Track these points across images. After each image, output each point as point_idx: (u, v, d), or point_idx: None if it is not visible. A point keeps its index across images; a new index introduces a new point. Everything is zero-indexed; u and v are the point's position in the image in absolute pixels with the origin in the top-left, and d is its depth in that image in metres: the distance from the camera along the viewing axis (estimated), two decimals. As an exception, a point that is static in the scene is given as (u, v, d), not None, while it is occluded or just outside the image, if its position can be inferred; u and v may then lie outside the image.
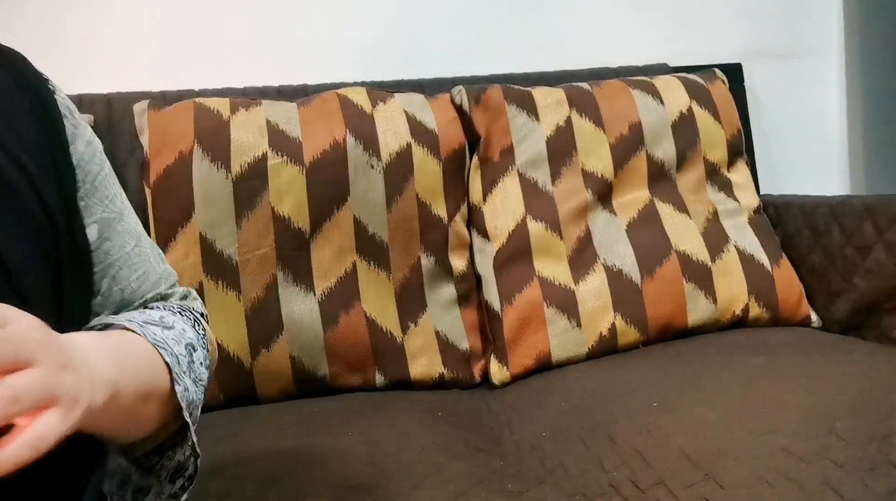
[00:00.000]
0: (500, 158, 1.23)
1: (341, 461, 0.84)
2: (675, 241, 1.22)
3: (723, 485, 0.70)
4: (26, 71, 0.60)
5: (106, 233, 0.63)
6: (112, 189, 0.65)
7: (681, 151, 1.29)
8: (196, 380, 0.61)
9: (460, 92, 1.27)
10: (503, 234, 1.19)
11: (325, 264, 1.13)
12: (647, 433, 0.81)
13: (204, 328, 0.68)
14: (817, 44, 1.71)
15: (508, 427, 0.95)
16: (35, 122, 0.58)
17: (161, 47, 1.43)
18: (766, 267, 1.25)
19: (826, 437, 0.75)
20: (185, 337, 0.62)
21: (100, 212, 0.63)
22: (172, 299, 0.69)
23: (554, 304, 1.16)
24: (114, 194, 0.65)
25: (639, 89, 1.31)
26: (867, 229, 1.20)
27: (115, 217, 0.65)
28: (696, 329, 1.21)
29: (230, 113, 1.16)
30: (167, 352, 0.57)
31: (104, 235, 0.63)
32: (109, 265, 0.64)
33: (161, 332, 0.59)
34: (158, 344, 0.57)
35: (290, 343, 1.10)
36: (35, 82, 0.60)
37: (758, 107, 1.64)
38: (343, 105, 1.19)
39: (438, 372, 1.14)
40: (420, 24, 1.53)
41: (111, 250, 0.64)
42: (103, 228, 0.63)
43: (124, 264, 0.64)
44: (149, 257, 0.67)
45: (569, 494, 0.75)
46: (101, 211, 0.63)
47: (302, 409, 1.04)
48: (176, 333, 0.61)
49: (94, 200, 0.63)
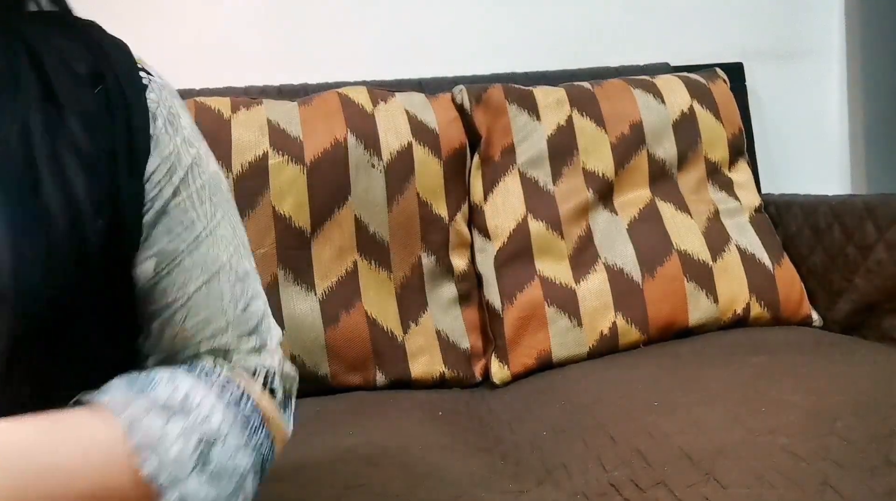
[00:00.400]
0: (501, 158, 1.23)
1: (341, 461, 0.84)
2: (676, 240, 1.22)
3: (723, 485, 0.70)
4: (119, 65, 0.54)
5: (165, 268, 0.53)
6: (196, 211, 0.55)
7: (682, 150, 1.29)
8: (215, 475, 0.48)
9: (461, 91, 1.26)
10: (504, 233, 1.19)
11: (326, 264, 1.13)
12: (648, 433, 0.81)
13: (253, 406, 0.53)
14: (818, 43, 1.71)
15: (509, 427, 0.95)
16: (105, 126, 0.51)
17: (161, 47, 1.43)
18: (767, 267, 1.25)
19: (826, 437, 0.75)
20: (201, 428, 0.49)
21: (164, 242, 0.53)
22: (238, 357, 0.55)
23: (555, 303, 1.16)
24: (194, 219, 0.54)
25: (640, 89, 1.30)
26: (868, 229, 1.20)
27: (184, 249, 0.54)
28: (696, 329, 1.21)
29: (231, 112, 1.16)
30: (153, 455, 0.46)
31: (163, 271, 0.53)
32: (166, 307, 0.54)
33: (163, 425, 0.47)
34: (142, 446, 0.46)
35: (291, 343, 1.10)
36: (126, 79, 0.53)
37: (759, 106, 1.64)
38: (344, 104, 1.19)
39: (439, 372, 1.14)
40: (420, 24, 1.53)
41: (169, 288, 0.54)
42: (163, 261, 0.53)
43: (182, 306, 0.54)
44: (221, 298, 0.55)
45: (569, 493, 0.75)
46: (167, 241, 0.53)
47: (302, 409, 1.04)
48: (191, 422, 0.49)
49: (159, 228, 0.53)
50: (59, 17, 0.56)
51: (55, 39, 0.53)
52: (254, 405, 0.53)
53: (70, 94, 0.51)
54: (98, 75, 0.52)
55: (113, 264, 0.51)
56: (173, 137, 0.54)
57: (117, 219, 0.51)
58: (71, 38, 0.54)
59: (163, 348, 0.55)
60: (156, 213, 0.53)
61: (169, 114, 0.55)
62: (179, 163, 0.54)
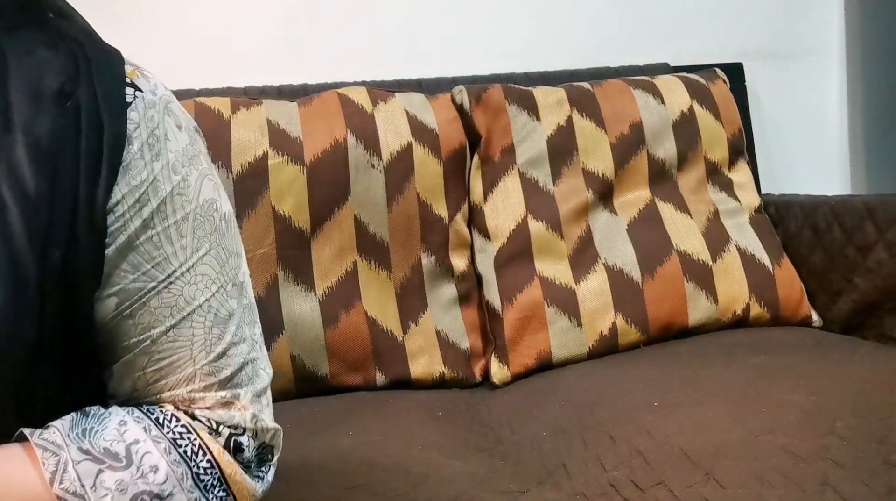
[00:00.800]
0: (500, 158, 1.23)
1: (341, 461, 0.84)
2: (675, 240, 1.22)
3: (723, 485, 0.70)
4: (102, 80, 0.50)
5: (128, 308, 0.49)
6: (173, 246, 0.50)
7: (682, 150, 1.29)
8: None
9: (461, 91, 1.26)
10: (504, 233, 1.19)
11: (326, 264, 1.13)
12: (648, 433, 0.81)
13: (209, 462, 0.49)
14: (818, 44, 1.71)
15: (509, 427, 0.95)
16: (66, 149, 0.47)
17: (161, 47, 1.43)
18: (767, 267, 1.25)
19: (826, 437, 0.75)
20: (141, 483, 0.46)
21: (128, 280, 0.49)
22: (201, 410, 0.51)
23: (555, 304, 1.16)
24: (168, 255, 0.50)
25: (640, 89, 1.30)
26: (868, 229, 1.20)
27: (152, 288, 0.49)
28: (696, 329, 1.21)
29: (231, 112, 1.16)
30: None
31: (125, 310, 0.49)
32: (126, 348, 0.50)
33: (95, 475, 0.45)
34: (68, 494, 0.44)
35: (291, 343, 1.10)
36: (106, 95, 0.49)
37: (758, 107, 1.64)
38: (344, 105, 1.19)
39: (439, 372, 1.14)
40: (420, 24, 1.53)
41: (131, 330, 0.49)
42: (125, 300, 0.49)
43: (145, 350, 0.50)
44: (190, 344, 0.50)
45: (569, 494, 0.75)
46: (131, 279, 0.49)
47: (302, 409, 1.04)
48: (129, 474, 0.46)
49: (124, 265, 0.48)
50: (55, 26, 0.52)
51: (39, 51, 0.50)
52: (210, 461, 0.49)
53: (26, 118, 0.47)
54: (68, 93, 0.48)
55: (71, 299, 0.47)
56: (150, 163, 0.49)
57: (74, 252, 0.46)
58: (57, 49, 0.50)
59: (122, 391, 0.51)
60: (119, 247, 0.48)
61: (151, 136, 0.50)
62: (154, 193, 0.49)
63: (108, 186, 0.47)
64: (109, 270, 0.48)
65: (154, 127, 0.50)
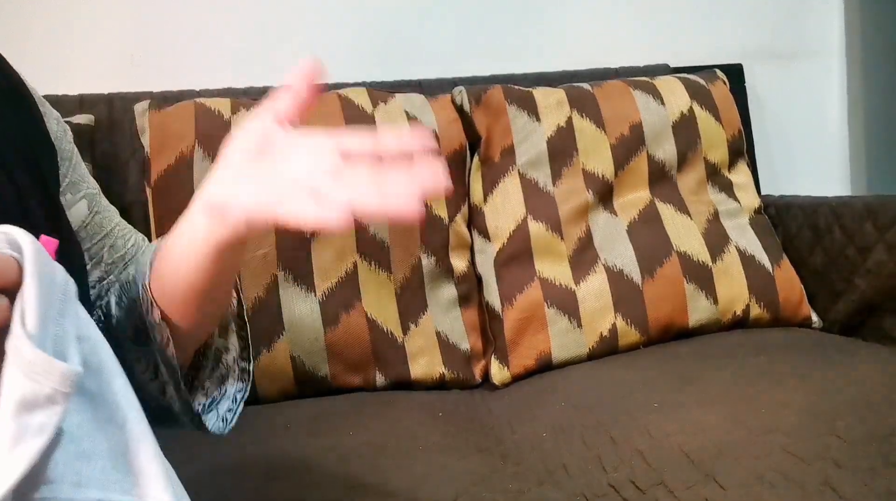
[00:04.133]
0: (500, 159, 1.23)
1: (341, 461, 0.84)
2: (675, 241, 1.22)
3: (723, 485, 0.70)
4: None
5: (95, 207, 0.64)
6: (84, 166, 0.66)
7: (681, 151, 1.29)
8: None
9: (461, 92, 1.27)
10: (504, 234, 1.19)
11: (326, 265, 1.13)
12: (648, 434, 0.81)
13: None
14: (818, 44, 1.71)
15: (509, 427, 0.95)
16: (4, 102, 0.56)
17: (161, 47, 1.43)
18: (767, 268, 1.25)
19: (826, 437, 0.75)
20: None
21: (85, 188, 0.64)
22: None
23: (555, 304, 1.16)
24: (86, 171, 0.66)
25: (640, 90, 1.31)
26: (868, 230, 1.20)
27: (96, 192, 0.66)
28: (696, 330, 1.21)
29: (231, 113, 1.16)
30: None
31: (94, 208, 0.64)
32: (106, 235, 0.65)
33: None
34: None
35: (291, 343, 1.10)
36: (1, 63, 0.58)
37: (758, 107, 1.64)
38: (344, 106, 1.19)
39: (439, 372, 1.14)
40: (420, 24, 1.54)
41: (103, 222, 0.65)
42: (91, 202, 0.64)
43: (118, 235, 0.66)
44: (133, 229, 0.69)
45: (569, 494, 0.75)
46: (86, 187, 0.64)
47: (302, 409, 1.04)
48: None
49: (77, 175, 0.63)
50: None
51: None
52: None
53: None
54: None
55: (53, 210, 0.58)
56: (50, 108, 0.62)
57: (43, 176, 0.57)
58: None
59: (116, 268, 0.65)
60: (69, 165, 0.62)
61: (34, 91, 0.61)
62: (65, 128, 0.63)
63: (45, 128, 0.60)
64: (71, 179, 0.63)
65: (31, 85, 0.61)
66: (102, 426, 0.40)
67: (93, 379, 0.40)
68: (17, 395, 0.36)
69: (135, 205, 1.17)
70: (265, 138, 0.49)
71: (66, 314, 0.38)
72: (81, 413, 0.39)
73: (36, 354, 0.36)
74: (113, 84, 1.32)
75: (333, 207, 0.42)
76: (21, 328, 0.36)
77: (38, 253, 0.38)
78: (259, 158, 0.48)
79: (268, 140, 0.49)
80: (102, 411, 0.40)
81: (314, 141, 0.47)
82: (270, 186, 0.46)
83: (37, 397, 0.36)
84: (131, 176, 1.21)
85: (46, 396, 0.36)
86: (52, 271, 0.38)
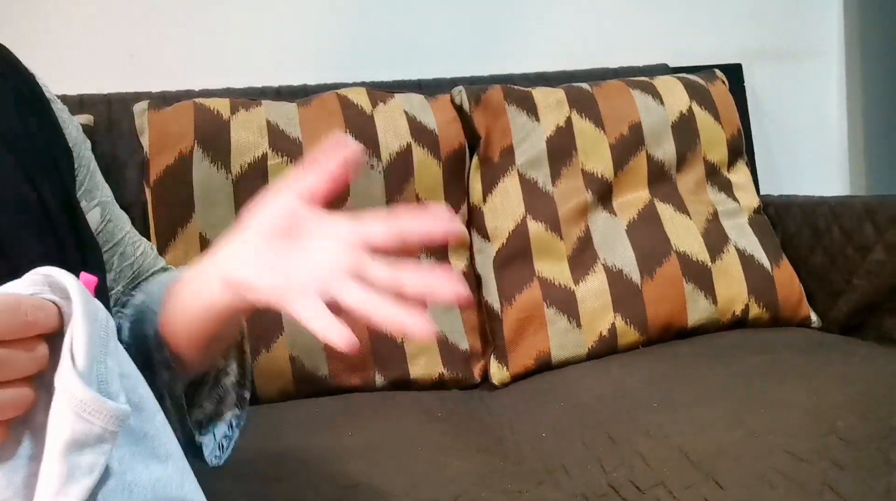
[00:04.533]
0: (500, 159, 1.23)
1: (341, 461, 0.84)
2: (675, 241, 1.22)
3: (723, 485, 0.70)
4: (11, 58, 0.59)
5: (108, 215, 0.66)
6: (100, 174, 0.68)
7: (681, 151, 1.29)
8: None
9: (460, 92, 1.27)
10: (503, 234, 1.19)
11: (325, 265, 1.13)
12: (647, 434, 0.81)
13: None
14: (817, 44, 1.71)
15: (509, 427, 0.95)
16: (27, 108, 0.57)
17: (161, 47, 1.43)
18: (766, 267, 1.25)
19: (826, 437, 0.75)
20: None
21: (99, 195, 0.65)
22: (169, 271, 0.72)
23: (554, 304, 1.15)
24: (102, 179, 0.68)
25: (639, 90, 1.30)
26: (867, 230, 1.20)
27: (110, 201, 0.67)
28: (696, 330, 1.21)
29: (230, 113, 1.16)
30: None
31: (107, 216, 0.66)
32: (117, 244, 0.66)
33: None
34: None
35: (290, 343, 1.09)
36: (21, 69, 0.60)
37: (758, 107, 1.64)
38: (343, 105, 1.19)
39: (438, 372, 1.14)
40: (420, 24, 1.53)
41: (115, 230, 0.67)
42: (104, 210, 0.65)
43: (128, 243, 0.68)
44: (141, 237, 0.71)
45: (569, 494, 0.75)
46: (101, 195, 0.66)
47: (302, 409, 1.04)
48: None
49: (92, 183, 0.64)
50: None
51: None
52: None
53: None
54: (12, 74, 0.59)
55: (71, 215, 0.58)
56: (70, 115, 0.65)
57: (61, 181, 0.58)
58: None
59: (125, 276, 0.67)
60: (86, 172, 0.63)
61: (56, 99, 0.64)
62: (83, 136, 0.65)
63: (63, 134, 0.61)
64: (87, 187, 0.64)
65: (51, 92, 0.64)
66: (145, 461, 0.40)
67: (135, 416, 0.40)
68: (67, 434, 0.36)
69: (134, 205, 1.17)
70: (290, 218, 0.49)
71: (109, 351, 0.39)
72: (121, 448, 0.39)
73: (87, 393, 0.36)
74: (112, 84, 1.32)
75: (343, 331, 0.43)
76: (72, 367, 0.36)
77: (83, 294, 0.38)
78: (282, 242, 0.48)
79: (293, 221, 0.49)
80: (144, 446, 0.40)
81: (338, 230, 0.48)
82: (288, 280, 0.46)
83: (87, 436, 0.36)
84: (130, 176, 1.21)
85: (97, 435, 0.36)
86: (95, 310, 0.39)
